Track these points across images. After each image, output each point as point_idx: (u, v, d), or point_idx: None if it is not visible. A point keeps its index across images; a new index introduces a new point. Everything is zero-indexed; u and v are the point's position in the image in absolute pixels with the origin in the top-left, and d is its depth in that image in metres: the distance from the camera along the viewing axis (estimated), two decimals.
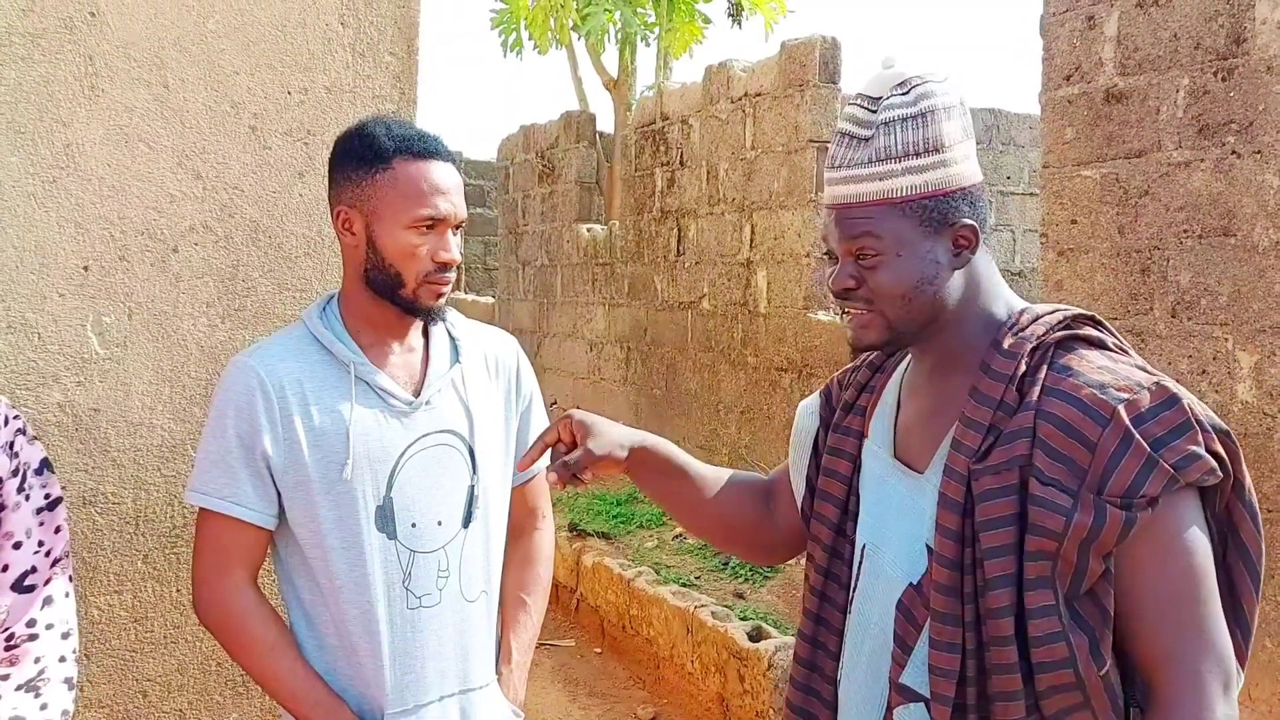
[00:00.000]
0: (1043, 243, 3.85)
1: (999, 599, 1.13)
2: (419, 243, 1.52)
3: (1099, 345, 1.21)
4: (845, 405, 1.41)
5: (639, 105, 8.79)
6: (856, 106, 1.24)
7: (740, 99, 6.91)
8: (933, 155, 1.19)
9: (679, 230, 7.63)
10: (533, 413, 1.77)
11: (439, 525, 1.58)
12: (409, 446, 1.56)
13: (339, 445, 1.52)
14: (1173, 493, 1.10)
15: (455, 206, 1.55)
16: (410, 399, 1.57)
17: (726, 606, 4.31)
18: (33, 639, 1.37)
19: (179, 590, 2.03)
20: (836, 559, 1.35)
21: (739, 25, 14.18)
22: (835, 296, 1.26)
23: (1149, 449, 1.09)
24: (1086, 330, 1.22)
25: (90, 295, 1.94)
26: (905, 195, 1.19)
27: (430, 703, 1.57)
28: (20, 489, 1.39)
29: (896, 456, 1.30)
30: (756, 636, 3.81)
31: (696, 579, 5.11)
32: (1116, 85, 3.53)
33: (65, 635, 1.40)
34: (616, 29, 13.38)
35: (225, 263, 2.05)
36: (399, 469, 1.55)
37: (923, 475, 1.25)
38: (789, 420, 1.57)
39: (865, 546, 1.31)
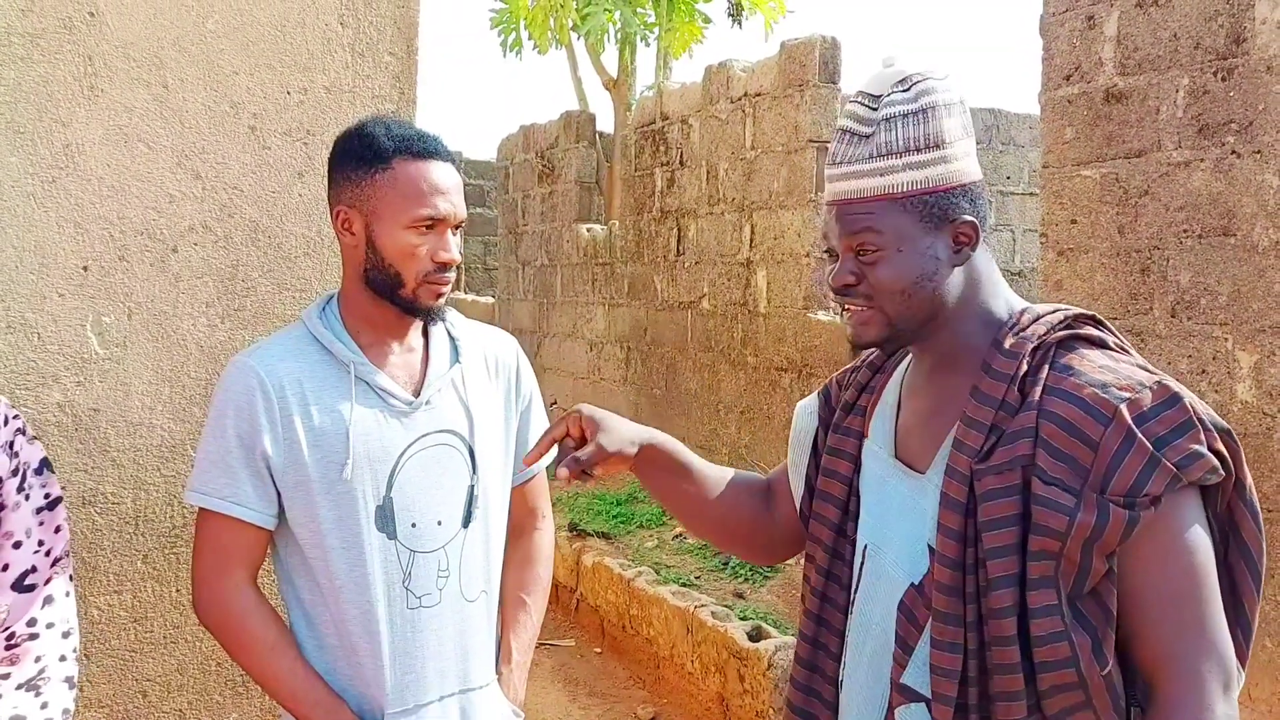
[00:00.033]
0: (1042, 242, 3.85)
1: (1001, 599, 1.13)
2: (418, 243, 1.52)
3: (1100, 345, 1.21)
4: (845, 405, 1.41)
5: (639, 105, 8.79)
6: (858, 104, 1.24)
7: (740, 99, 6.91)
8: (933, 151, 1.19)
9: (679, 230, 7.63)
10: (532, 412, 1.77)
11: (439, 525, 1.57)
12: (409, 446, 1.56)
13: (339, 445, 1.52)
14: (1175, 491, 1.10)
15: (455, 206, 1.55)
16: (410, 399, 1.57)
17: (726, 606, 4.31)
18: (33, 638, 1.37)
19: (179, 590, 2.03)
20: (837, 559, 1.35)
21: (739, 25, 14.18)
22: (835, 293, 1.25)
23: (1151, 448, 1.09)
24: (1087, 330, 1.22)
25: (90, 295, 1.93)
26: (906, 191, 1.19)
27: (430, 703, 1.57)
28: (20, 488, 1.39)
29: (897, 457, 1.30)
30: (756, 636, 3.81)
31: (696, 579, 5.11)
32: (1116, 85, 3.53)
33: (66, 634, 1.40)
34: (616, 29, 13.38)
35: (225, 263, 2.05)
36: (399, 469, 1.55)
37: (924, 475, 1.25)
38: (789, 420, 1.57)
39: (866, 547, 1.31)
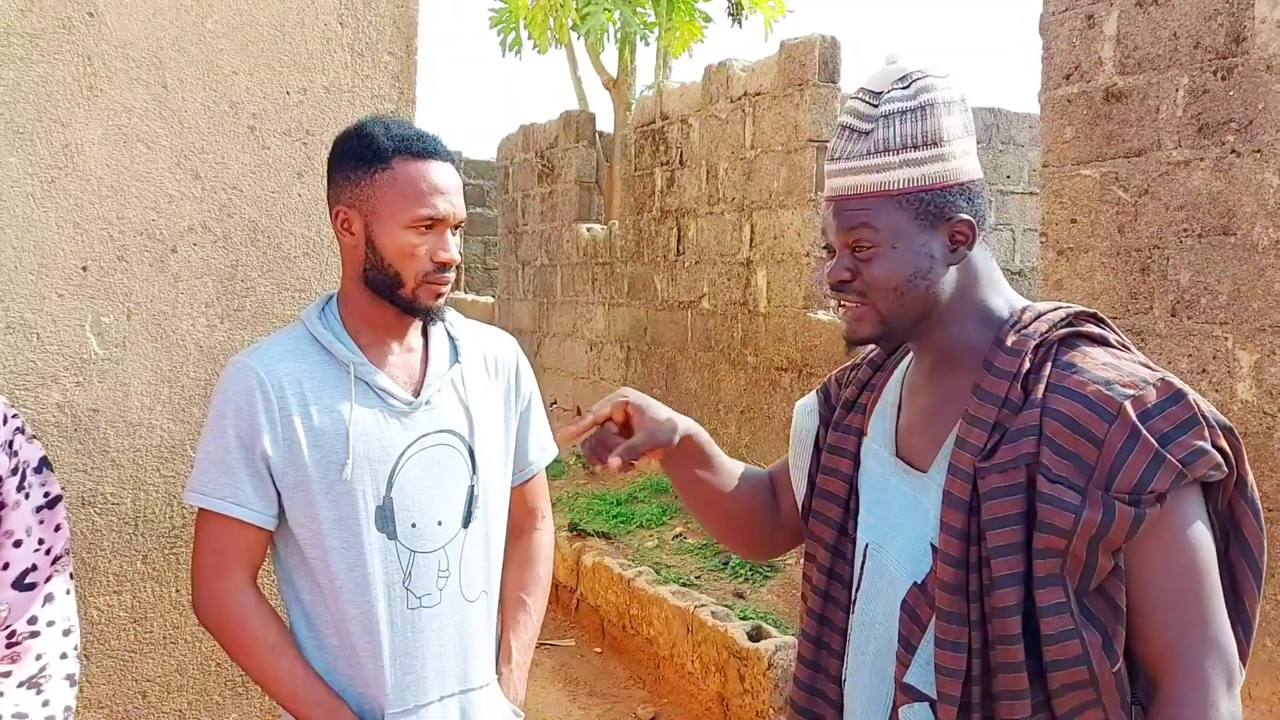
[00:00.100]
0: (1042, 242, 3.84)
1: (1006, 597, 1.13)
2: (418, 243, 1.52)
3: (1102, 342, 1.21)
4: (846, 403, 1.41)
5: (639, 105, 8.79)
6: (858, 100, 1.25)
7: (740, 98, 6.91)
8: (931, 149, 1.20)
9: (679, 230, 7.63)
10: (532, 412, 1.77)
11: (439, 525, 1.57)
12: (409, 446, 1.56)
13: (339, 445, 1.52)
14: (1179, 488, 1.10)
15: (454, 206, 1.55)
16: (410, 399, 1.57)
17: (726, 606, 4.31)
18: (34, 636, 1.37)
19: (178, 590, 2.03)
20: (839, 558, 1.35)
21: (739, 24, 14.18)
22: (831, 289, 1.26)
23: (1156, 445, 1.09)
24: (1089, 327, 1.22)
25: (89, 295, 1.93)
26: (902, 188, 1.19)
27: (430, 703, 1.57)
28: (20, 487, 1.38)
29: (898, 455, 1.30)
30: (756, 636, 3.81)
31: (696, 579, 5.11)
32: (1116, 84, 3.53)
33: (66, 632, 1.40)
34: (616, 28, 13.38)
35: (224, 263, 2.05)
36: (399, 469, 1.55)
37: (926, 474, 1.25)
38: (789, 420, 1.56)
39: (867, 546, 1.31)
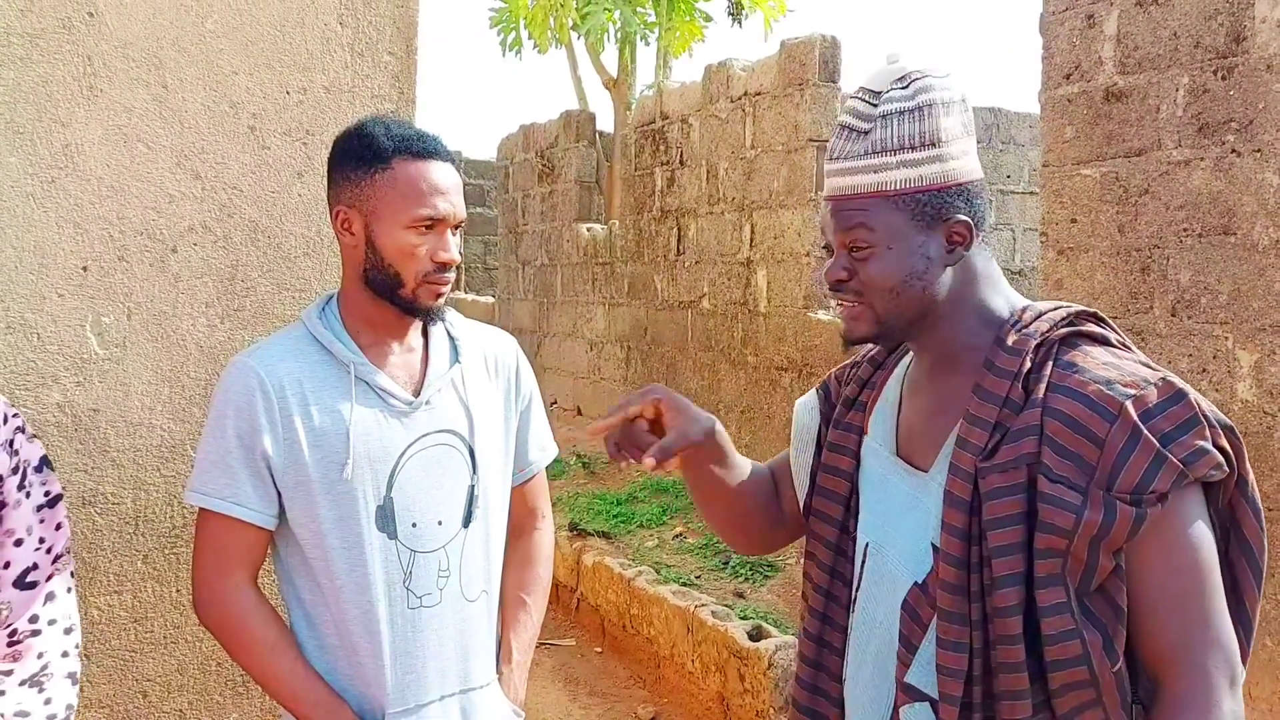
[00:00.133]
0: (1043, 241, 3.85)
1: (1007, 597, 1.13)
2: (418, 243, 1.52)
3: (1103, 342, 1.21)
4: (847, 401, 1.40)
5: (639, 104, 8.79)
6: (857, 100, 1.24)
7: (740, 98, 6.91)
8: (928, 150, 1.19)
9: (679, 230, 7.63)
10: (532, 412, 1.76)
11: (439, 525, 1.57)
12: (409, 446, 1.56)
13: (339, 445, 1.52)
14: (1181, 488, 1.10)
15: (454, 206, 1.55)
16: (410, 399, 1.57)
17: (726, 606, 4.31)
18: (35, 635, 1.37)
19: (179, 590, 2.03)
20: (841, 556, 1.35)
21: (739, 24, 14.20)
22: (829, 288, 1.26)
23: (1158, 444, 1.09)
24: (1090, 327, 1.22)
25: (89, 295, 1.93)
26: (899, 188, 1.19)
27: (431, 702, 1.57)
28: (20, 486, 1.39)
29: (898, 454, 1.30)
30: (757, 636, 3.81)
31: (696, 578, 5.11)
32: (1116, 84, 3.53)
33: (68, 631, 1.41)
34: (616, 28, 13.39)
35: (224, 263, 2.05)
36: (399, 469, 1.55)
37: (926, 474, 1.25)
38: (789, 419, 1.56)
39: (868, 545, 1.30)
